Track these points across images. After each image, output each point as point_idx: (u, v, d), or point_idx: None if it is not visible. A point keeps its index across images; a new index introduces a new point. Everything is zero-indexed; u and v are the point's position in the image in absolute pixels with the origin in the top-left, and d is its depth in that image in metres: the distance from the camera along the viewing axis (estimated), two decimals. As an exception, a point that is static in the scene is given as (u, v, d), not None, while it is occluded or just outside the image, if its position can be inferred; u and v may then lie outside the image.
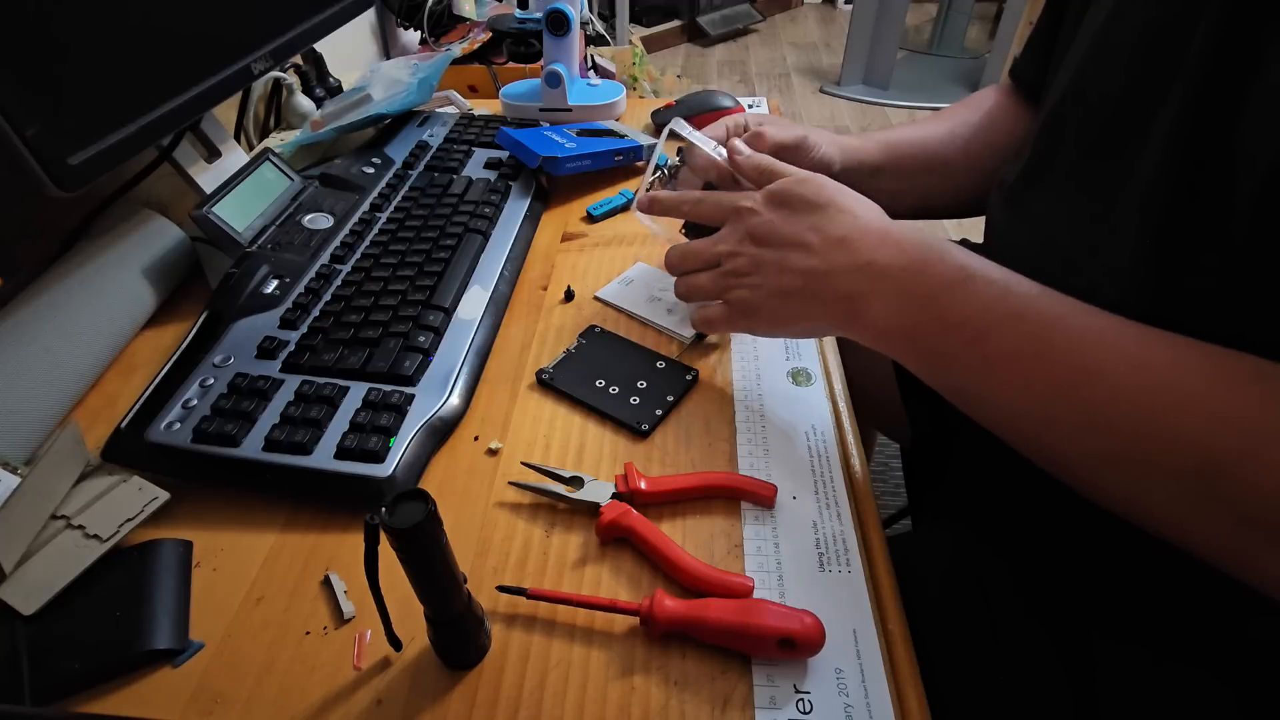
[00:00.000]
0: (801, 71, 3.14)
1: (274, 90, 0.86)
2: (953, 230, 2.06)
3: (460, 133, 0.75)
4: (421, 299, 0.51)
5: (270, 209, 0.59)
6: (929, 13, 3.33)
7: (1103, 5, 0.41)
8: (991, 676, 0.43)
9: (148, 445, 0.41)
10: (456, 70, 1.31)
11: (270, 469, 0.40)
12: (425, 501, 0.27)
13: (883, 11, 2.62)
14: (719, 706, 0.32)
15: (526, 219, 0.63)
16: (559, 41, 0.75)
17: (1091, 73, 0.40)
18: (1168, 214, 0.34)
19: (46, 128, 0.40)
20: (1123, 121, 0.37)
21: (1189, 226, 0.33)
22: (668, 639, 0.34)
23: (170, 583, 0.37)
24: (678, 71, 3.04)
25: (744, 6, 3.53)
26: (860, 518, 0.40)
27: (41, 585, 0.35)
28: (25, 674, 0.33)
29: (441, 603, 0.31)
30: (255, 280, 0.52)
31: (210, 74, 0.53)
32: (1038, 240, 0.43)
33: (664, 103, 0.81)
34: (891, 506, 1.23)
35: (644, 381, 0.47)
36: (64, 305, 0.49)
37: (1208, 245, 0.32)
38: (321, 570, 0.38)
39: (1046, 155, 0.44)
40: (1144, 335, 0.32)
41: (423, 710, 0.32)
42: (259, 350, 0.47)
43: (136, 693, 0.33)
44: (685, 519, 0.40)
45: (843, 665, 0.33)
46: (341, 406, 0.43)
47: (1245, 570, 0.29)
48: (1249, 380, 0.29)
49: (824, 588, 0.36)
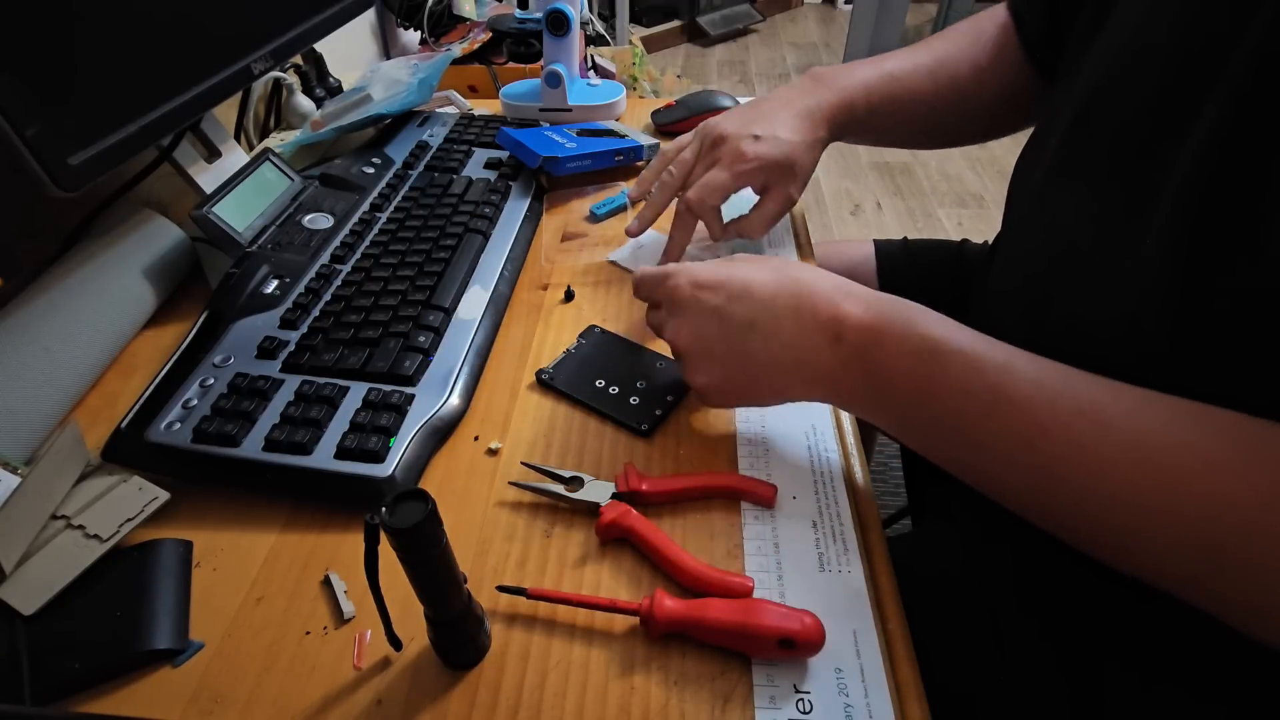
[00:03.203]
0: (801, 71, 3.14)
1: (274, 90, 0.86)
2: (953, 231, 2.07)
3: (460, 133, 0.75)
4: (421, 299, 0.51)
5: (270, 209, 0.59)
6: (929, 13, 3.33)
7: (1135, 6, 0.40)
8: (991, 676, 0.43)
9: (148, 445, 0.41)
10: (456, 70, 1.31)
11: (270, 469, 0.41)
12: (425, 501, 0.27)
13: (883, 11, 2.62)
14: (719, 706, 0.32)
15: (526, 219, 0.63)
16: (559, 41, 0.75)
17: (1128, 69, 0.39)
18: (1201, 218, 0.33)
19: (46, 128, 0.41)
20: (1160, 122, 0.36)
21: (1222, 232, 0.32)
22: (668, 639, 0.34)
23: (170, 583, 0.37)
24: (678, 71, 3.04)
25: (744, 6, 3.53)
26: (860, 518, 0.40)
27: (41, 585, 0.35)
28: (25, 674, 0.33)
29: (441, 603, 0.31)
30: (255, 280, 0.52)
31: (210, 74, 0.54)
32: (1060, 237, 0.43)
33: (664, 103, 0.81)
34: (891, 506, 1.23)
35: (644, 381, 0.47)
36: (64, 305, 0.49)
37: (1240, 249, 0.31)
38: (321, 570, 0.38)
39: (1076, 151, 0.42)
40: (1133, 405, 0.31)
41: (423, 710, 0.32)
42: (259, 350, 0.47)
43: (136, 693, 0.33)
44: (685, 519, 0.40)
45: (843, 665, 0.33)
46: (341, 406, 0.43)
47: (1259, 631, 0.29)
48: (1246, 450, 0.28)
49: (824, 588, 0.36)
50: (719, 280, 0.41)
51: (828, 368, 0.38)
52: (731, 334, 0.40)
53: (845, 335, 0.37)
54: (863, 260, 0.73)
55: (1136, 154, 0.37)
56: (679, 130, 0.77)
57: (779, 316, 0.39)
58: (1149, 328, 0.35)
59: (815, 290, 0.39)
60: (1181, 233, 0.33)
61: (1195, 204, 0.33)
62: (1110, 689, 0.39)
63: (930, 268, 0.71)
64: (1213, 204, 0.32)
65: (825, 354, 0.38)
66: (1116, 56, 0.40)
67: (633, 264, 0.58)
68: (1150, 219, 0.35)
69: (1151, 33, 0.38)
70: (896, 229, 2.10)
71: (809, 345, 0.38)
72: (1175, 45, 0.36)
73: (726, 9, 3.47)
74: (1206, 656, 0.36)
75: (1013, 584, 0.44)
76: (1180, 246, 0.33)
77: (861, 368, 0.37)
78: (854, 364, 0.37)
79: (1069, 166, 0.43)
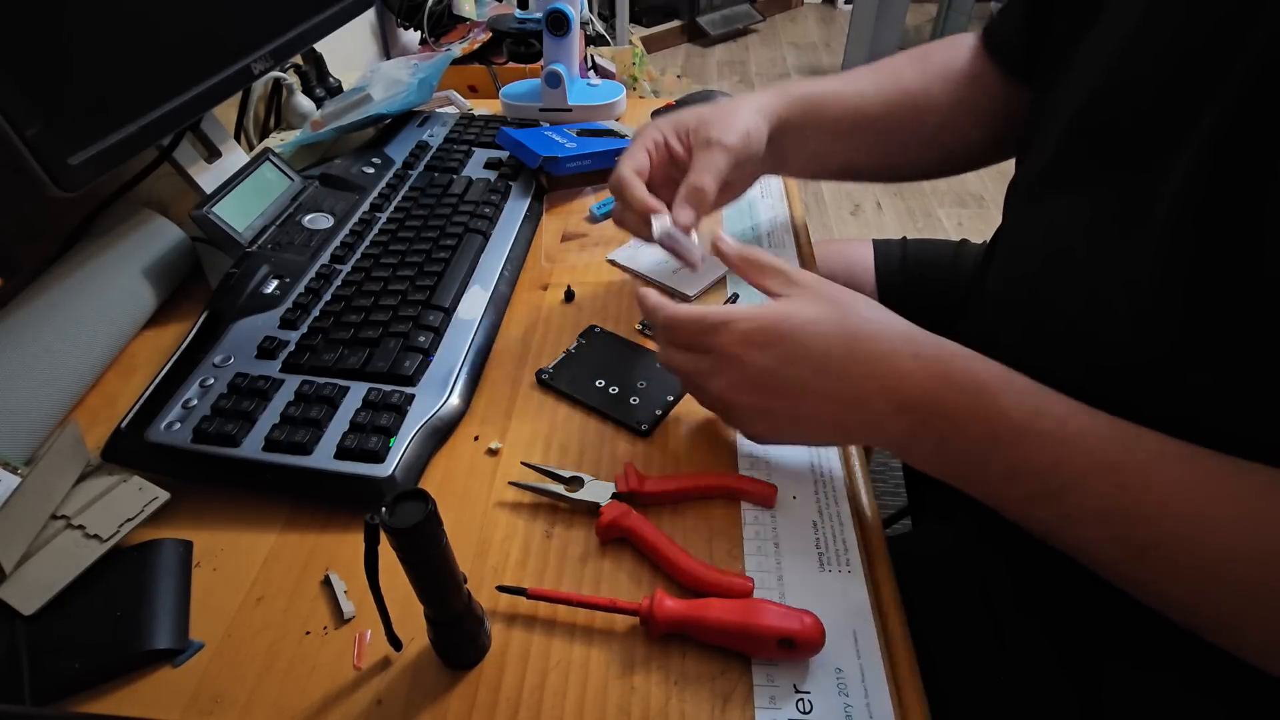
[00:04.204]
0: (801, 71, 3.15)
1: (274, 90, 0.86)
2: (953, 231, 2.07)
3: (460, 133, 0.75)
4: (421, 299, 0.51)
5: (270, 209, 0.59)
6: (929, 13, 3.32)
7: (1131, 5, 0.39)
8: (991, 676, 0.43)
9: (148, 445, 0.41)
10: (456, 70, 1.31)
11: (270, 469, 0.40)
12: (425, 501, 0.27)
13: (883, 11, 2.62)
14: (719, 706, 0.32)
15: (526, 219, 0.63)
16: (559, 41, 0.75)
17: (1122, 74, 0.39)
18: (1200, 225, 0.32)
19: (46, 128, 0.41)
20: (1156, 128, 0.36)
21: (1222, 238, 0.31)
22: (668, 639, 0.34)
23: (170, 583, 0.37)
24: (678, 71, 3.04)
25: (744, 6, 3.53)
26: (860, 518, 0.40)
27: (41, 585, 0.35)
28: (25, 674, 0.33)
29: (441, 603, 0.31)
30: (255, 280, 0.52)
31: (210, 74, 0.54)
32: (1052, 245, 0.42)
33: (664, 103, 0.81)
34: (891, 506, 1.22)
35: (644, 381, 0.47)
36: (64, 305, 0.49)
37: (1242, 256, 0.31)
38: (321, 570, 0.38)
39: (1070, 155, 0.42)
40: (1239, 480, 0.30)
41: (423, 710, 0.32)
42: (259, 350, 0.47)
43: (136, 693, 0.33)
44: (685, 519, 0.40)
45: (843, 665, 0.33)
46: (341, 406, 0.43)
47: None
48: None
49: (824, 588, 0.36)
50: (771, 338, 0.37)
51: (895, 430, 0.36)
52: (786, 395, 0.38)
53: (910, 404, 0.35)
54: (862, 260, 0.73)
55: (1132, 160, 0.37)
56: (679, 130, 0.77)
57: (836, 380, 0.36)
58: (1150, 333, 0.34)
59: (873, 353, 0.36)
60: (1180, 239, 0.33)
61: (1194, 211, 0.32)
62: (1111, 688, 0.39)
63: (929, 267, 0.71)
64: (1212, 211, 0.32)
65: (893, 419, 0.36)
66: (1110, 60, 0.40)
67: (633, 264, 0.58)
68: (1146, 225, 0.35)
69: (1148, 37, 0.37)
70: (896, 229, 2.10)
71: (872, 410, 0.36)
72: (1174, 49, 0.36)
73: (726, 9, 3.47)
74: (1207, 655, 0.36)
75: (1013, 584, 0.44)
76: (1179, 253, 0.33)
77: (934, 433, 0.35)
78: (924, 429, 0.36)
79: (1062, 171, 0.42)
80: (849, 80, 0.56)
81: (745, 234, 0.62)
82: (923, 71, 0.56)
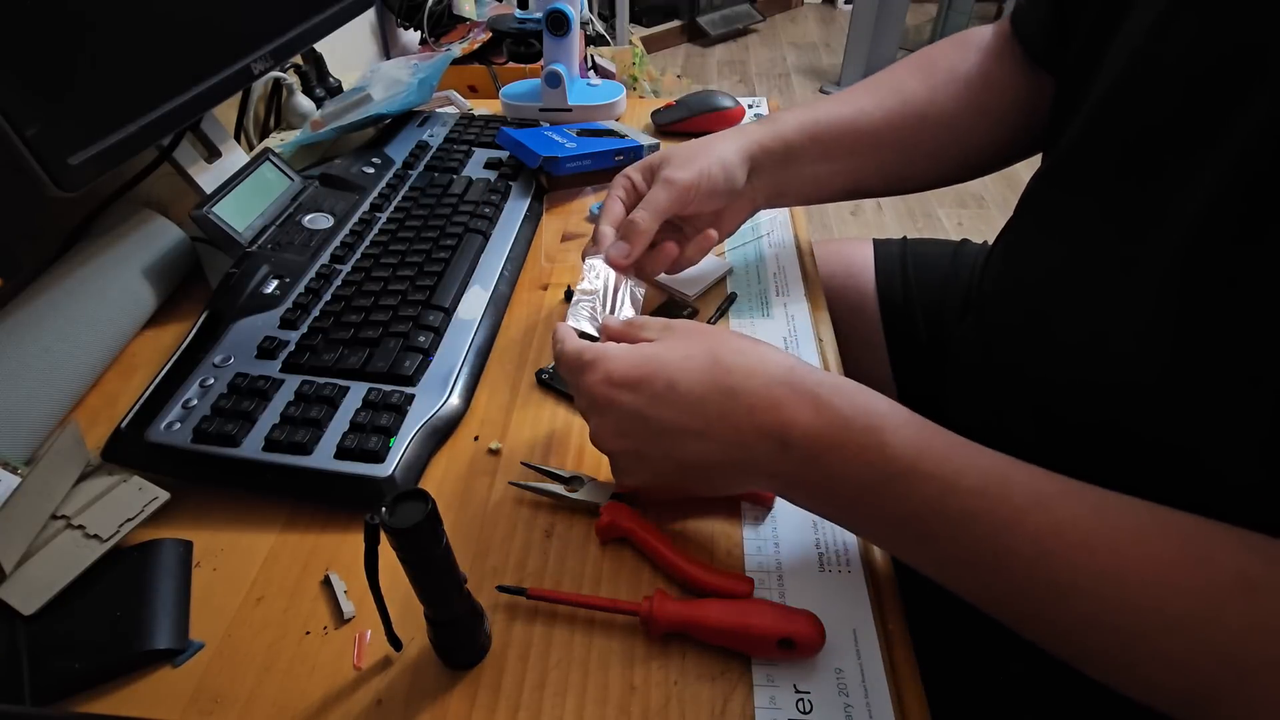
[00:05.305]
0: (801, 71, 3.15)
1: (274, 90, 0.86)
2: (953, 231, 2.07)
3: (460, 133, 0.75)
4: (421, 299, 0.51)
5: (270, 209, 0.59)
6: (929, 13, 3.33)
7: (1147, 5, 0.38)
8: (992, 675, 0.43)
9: (148, 445, 0.41)
10: (456, 70, 1.31)
11: (270, 469, 0.41)
12: (425, 501, 0.27)
13: (883, 11, 2.62)
14: (719, 706, 0.32)
15: (526, 219, 0.63)
16: (559, 41, 0.75)
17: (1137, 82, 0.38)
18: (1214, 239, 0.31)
19: (46, 128, 0.40)
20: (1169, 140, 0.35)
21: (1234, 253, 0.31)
22: (668, 639, 0.34)
23: (170, 583, 0.37)
24: (678, 71, 3.04)
25: (744, 6, 3.53)
26: (860, 518, 0.40)
27: (41, 585, 0.35)
28: (25, 674, 0.33)
29: (441, 603, 0.31)
30: (255, 280, 0.52)
31: (210, 74, 0.54)
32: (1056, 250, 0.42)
33: (664, 103, 0.81)
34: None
35: (644, 381, 0.47)
36: (64, 305, 0.49)
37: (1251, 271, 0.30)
38: (321, 570, 0.38)
39: (1080, 162, 0.41)
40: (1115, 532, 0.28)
41: (423, 710, 0.32)
42: (259, 350, 0.47)
43: (136, 693, 0.33)
44: (685, 519, 0.40)
45: (843, 665, 0.33)
46: (341, 406, 0.43)
47: None
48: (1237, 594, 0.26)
49: (824, 588, 0.36)
50: (638, 377, 0.35)
51: (778, 469, 0.34)
52: (658, 439, 0.35)
53: (793, 441, 0.33)
54: (862, 260, 0.73)
55: (1143, 171, 0.36)
56: (679, 130, 0.78)
57: (710, 420, 0.34)
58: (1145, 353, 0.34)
59: (749, 389, 0.34)
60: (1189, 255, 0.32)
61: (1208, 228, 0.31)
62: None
63: (929, 268, 0.71)
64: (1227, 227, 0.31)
65: (775, 458, 0.33)
66: (1126, 65, 0.38)
67: None
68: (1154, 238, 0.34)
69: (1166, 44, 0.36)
70: (896, 228, 2.10)
71: (751, 449, 0.34)
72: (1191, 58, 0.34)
73: (726, 9, 3.47)
74: None
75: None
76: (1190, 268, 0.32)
77: (818, 473, 0.33)
78: (808, 469, 0.33)
79: (1071, 177, 0.42)
80: (849, 98, 0.55)
81: (745, 234, 0.62)
82: (927, 79, 0.55)
